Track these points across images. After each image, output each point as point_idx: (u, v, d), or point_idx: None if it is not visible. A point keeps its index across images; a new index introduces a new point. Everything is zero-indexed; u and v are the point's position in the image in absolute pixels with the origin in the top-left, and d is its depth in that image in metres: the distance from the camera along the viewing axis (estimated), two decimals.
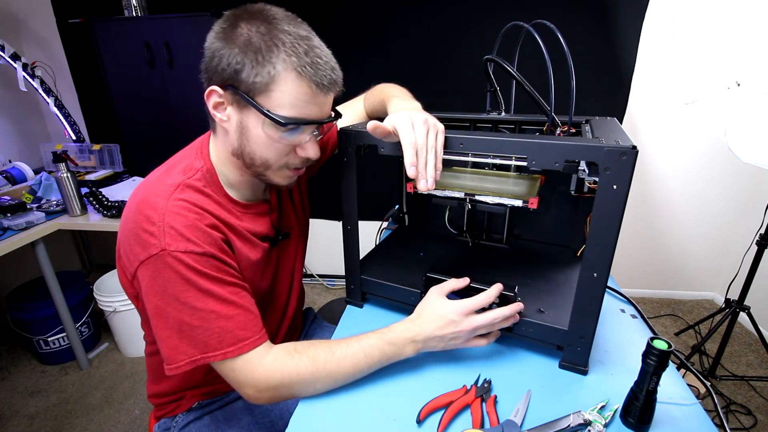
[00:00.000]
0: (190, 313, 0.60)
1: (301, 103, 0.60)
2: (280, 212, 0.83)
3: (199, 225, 0.62)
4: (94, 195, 1.63)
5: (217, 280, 0.62)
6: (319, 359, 0.63)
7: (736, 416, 1.59)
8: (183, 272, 0.59)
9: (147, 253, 0.59)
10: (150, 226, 0.60)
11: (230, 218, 0.69)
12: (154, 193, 0.63)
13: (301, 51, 0.58)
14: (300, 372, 0.62)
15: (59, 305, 1.71)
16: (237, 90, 0.59)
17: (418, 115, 0.63)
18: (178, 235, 0.60)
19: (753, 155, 1.26)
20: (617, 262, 0.61)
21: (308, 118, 0.62)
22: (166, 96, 1.96)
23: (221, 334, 0.61)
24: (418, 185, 0.62)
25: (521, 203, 0.73)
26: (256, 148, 0.64)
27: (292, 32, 0.58)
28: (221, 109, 0.63)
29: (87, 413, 1.66)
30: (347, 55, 2.10)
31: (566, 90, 0.67)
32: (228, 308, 0.62)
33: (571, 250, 0.96)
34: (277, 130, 0.62)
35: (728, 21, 1.30)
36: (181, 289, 0.60)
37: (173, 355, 0.61)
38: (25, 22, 2.27)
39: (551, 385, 0.66)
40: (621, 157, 0.52)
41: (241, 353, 0.62)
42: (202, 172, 0.68)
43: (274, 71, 0.57)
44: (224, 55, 0.58)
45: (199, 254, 0.61)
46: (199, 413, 0.82)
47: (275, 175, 0.69)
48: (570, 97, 0.67)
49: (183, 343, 0.61)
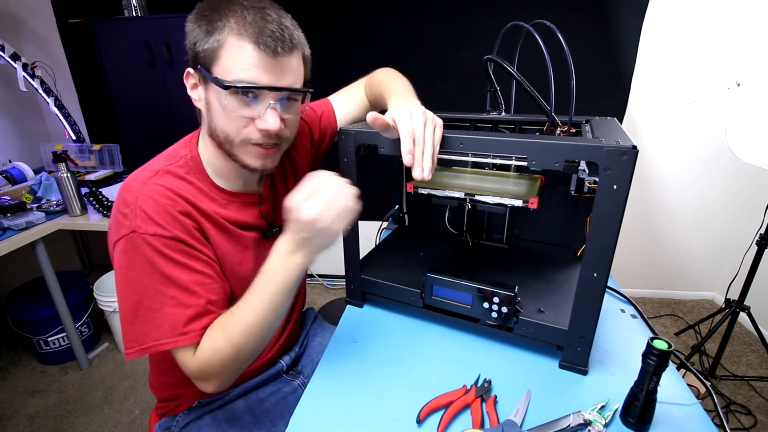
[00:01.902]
0: (150, 296, 0.61)
1: (249, 67, 0.58)
2: (274, 205, 0.82)
3: (170, 210, 0.63)
4: (94, 195, 1.63)
5: (183, 266, 0.63)
6: (227, 327, 0.62)
7: (736, 416, 1.59)
8: (149, 255, 0.60)
9: (119, 234, 0.61)
10: (124, 208, 0.62)
11: (211, 206, 0.70)
12: (134, 178, 0.66)
13: (249, 17, 0.58)
14: (217, 348, 0.61)
15: (59, 305, 1.71)
16: (198, 65, 0.61)
17: (417, 108, 0.64)
18: (147, 218, 0.61)
19: (753, 155, 1.26)
20: (617, 262, 0.61)
21: (256, 83, 0.59)
22: (166, 96, 1.96)
23: (175, 321, 0.61)
24: (413, 173, 0.62)
25: (521, 203, 0.73)
26: (218, 122, 0.64)
27: (247, 3, 0.59)
28: (195, 90, 0.66)
29: (87, 413, 1.66)
30: (347, 55, 2.11)
31: (566, 90, 0.67)
32: (188, 297, 0.62)
33: (571, 250, 0.96)
34: (229, 98, 0.60)
35: (728, 21, 1.30)
36: (145, 272, 0.61)
37: (127, 342, 0.62)
38: (25, 22, 2.27)
39: (551, 385, 0.66)
40: (621, 157, 0.52)
41: (180, 345, 0.61)
42: (185, 159, 0.69)
43: (219, 37, 0.58)
44: (189, 34, 0.62)
45: (167, 238, 0.62)
46: (200, 413, 0.82)
47: (241, 152, 0.66)
48: (570, 97, 0.67)
49: (136, 329, 0.61)
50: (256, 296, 0.62)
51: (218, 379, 0.64)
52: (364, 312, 0.87)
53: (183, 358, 0.63)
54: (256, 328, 0.62)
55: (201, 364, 0.62)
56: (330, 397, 0.65)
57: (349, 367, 0.71)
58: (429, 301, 0.78)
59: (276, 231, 0.81)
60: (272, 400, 0.87)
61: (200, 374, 0.63)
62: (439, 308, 0.77)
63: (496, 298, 0.69)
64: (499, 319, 0.71)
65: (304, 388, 0.90)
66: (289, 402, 0.88)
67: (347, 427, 0.60)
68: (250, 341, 0.62)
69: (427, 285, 0.76)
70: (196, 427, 0.80)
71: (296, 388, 0.91)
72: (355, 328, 0.81)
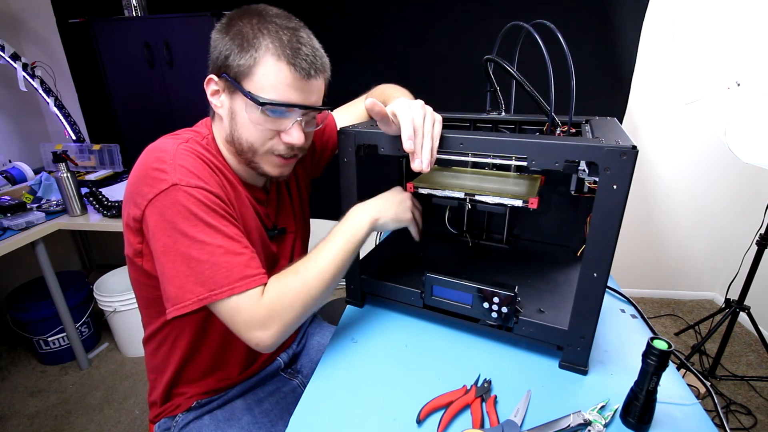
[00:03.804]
0: (198, 248, 0.60)
1: (282, 86, 0.63)
2: (277, 208, 0.85)
3: (207, 169, 0.66)
4: (94, 195, 1.63)
5: (225, 218, 0.64)
6: (301, 269, 0.66)
7: (736, 416, 1.59)
8: (192, 207, 0.60)
9: (157, 190, 0.61)
10: (161, 165, 0.62)
11: (231, 178, 0.72)
12: (162, 144, 0.67)
13: (285, 38, 0.62)
14: (292, 287, 0.64)
15: (59, 305, 1.72)
16: (227, 76, 0.64)
17: (417, 102, 0.66)
18: (188, 171, 0.62)
19: (753, 155, 1.26)
20: (617, 262, 0.61)
21: (288, 101, 0.64)
22: (166, 96, 1.96)
23: (229, 269, 0.61)
24: (413, 165, 0.64)
25: (521, 203, 0.73)
26: (243, 132, 0.68)
27: (280, 23, 0.63)
28: (216, 96, 0.68)
29: (87, 413, 1.66)
30: (347, 55, 2.11)
31: (566, 90, 0.67)
32: (235, 245, 0.63)
33: (571, 250, 0.96)
34: (260, 113, 0.64)
35: (728, 21, 1.30)
36: (190, 224, 0.60)
37: (180, 295, 0.60)
38: (25, 22, 2.27)
39: (551, 385, 0.66)
40: (621, 157, 0.52)
41: (248, 288, 0.61)
42: (207, 139, 0.72)
43: (256, 54, 0.62)
44: (218, 45, 0.64)
45: (209, 192, 0.63)
46: (198, 413, 0.82)
47: (263, 161, 0.71)
48: (570, 97, 0.67)
49: (190, 280, 0.60)
50: (330, 243, 0.69)
51: (281, 324, 0.63)
52: (364, 312, 0.87)
53: (247, 304, 0.61)
54: (327, 274, 0.67)
55: (271, 302, 0.62)
56: (330, 397, 0.65)
57: (349, 367, 0.71)
58: (429, 301, 0.78)
59: (277, 233, 0.82)
60: (271, 400, 0.87)
61: (267, 316, 0.62)
62: (439, 308, 0.77)
63: (496, 298, 0.69)
64: (499, 319, 0.71)
65: (303, 388, 0.91)
66: (288, 401, 0.88)
67: (347, 427, 0.60)
68: (320, 286, 0.66)
69: (427, 285, 0.76)
70: (195, 428, 0.80)
71: (295, 388, 0.91)
72: (354, 327, 0.81)
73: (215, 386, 0.83)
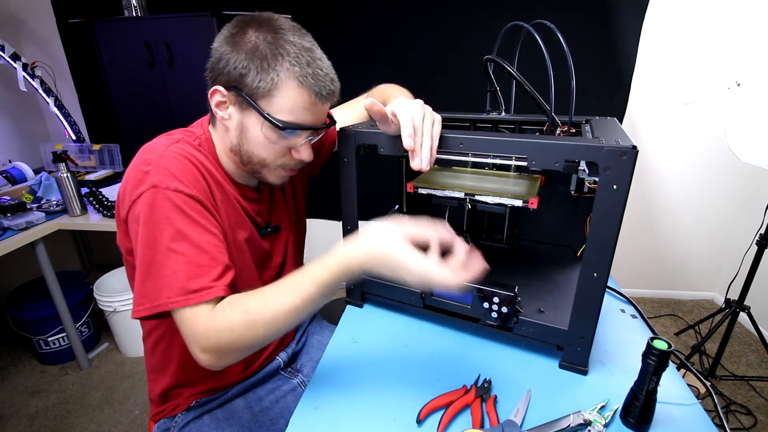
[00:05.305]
0: (163, 253, 0.60)
1: (299, 110, 0.64)
2: (270, 206, 0.85)
3: (192, 171, 0.66)
4: (94, 195, 1.63)
5: (198, 225, 0.63)
6: (252, 312, 0.58)
7: (736, 416, 1.59)
8: (167, 210, 0.61)
9: (139, 191, 0.62)
10: (146, 167, 0.63)
11: (223, 180, 0.73)
12: (154, 143, 0.68)
13: (304, 62, 0.63)
14: (233, 327, 0.57)
15: (59, 305, 1.71)
16: (240, 92, 0.63)
17: (416, 102, 0.66)
18: (170, 174, 0.63)
19: (753, 155, 1.26)
20: (617, 262, 0.61)
21: (305, 124, 0.66)
22: (166, 96, 1.96)
23: (186, 279, 0.59)
24: (412, 164, 0.64)
25: (521, 203, 0.73)
26: (254, 148, 0.68)
27: (297, 43, 0.63)
28: (223, 108, 0.67)
29: (87, 413, 1.66)
30: (347, 56, 2.11)
31: (566, 90, 0.67)
32: (200, 256, 0.61)
33: (571, 250, 0.96)
34: (275, 133, 0.66)
35: (728, 21, 1.30)
36: (161, 227, 0.61)
37: (137, 300, 0.61)
38: (25, 22, 2.27)
39: (551, 385, 0.66)
40: (621, 157, 0.52)
41: (200, 301, 0.58)
42: (200, 139, 0.73)
43: (277, 78, 0.62)
44: (231, 59, 0.63)
45: (187, 195, 0.63)
46: (198, 412, 0.82)
47: (270, 173, 0.73)
48: (570, 97, 0.67)
49: (148, 285, 0.60)
50: (292, 291, 0.59)
51: (218, 358, 0.58)
52: (364, 312, 0.87)
53: (190, 318, 0.58)
54: (280, 324, 0.59)
55: (208, 333, 0.57)
56: (330, 397, 0.65)
57: (349, 367, 0.71)
58: (429, 301, 0.78)
59: (270, 230, 0.83)
60: (271, 399, 0.87)
61: (204, 342, 0.57)
62: (439, 308, 0.77)
63: (496, 298, 0.69)
64: (499, 319, 0.71)
65: (303, 387, 0.91)
66: (288, 400, 0.88)
67: (347, 427, 0.60)
68: (268, 334, 0.59)
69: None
70: (195, 427, 0.80)
71: (295, 387, 0.91)
72: (355, 328, 0.82)
73: (215, 385, 0.83)
